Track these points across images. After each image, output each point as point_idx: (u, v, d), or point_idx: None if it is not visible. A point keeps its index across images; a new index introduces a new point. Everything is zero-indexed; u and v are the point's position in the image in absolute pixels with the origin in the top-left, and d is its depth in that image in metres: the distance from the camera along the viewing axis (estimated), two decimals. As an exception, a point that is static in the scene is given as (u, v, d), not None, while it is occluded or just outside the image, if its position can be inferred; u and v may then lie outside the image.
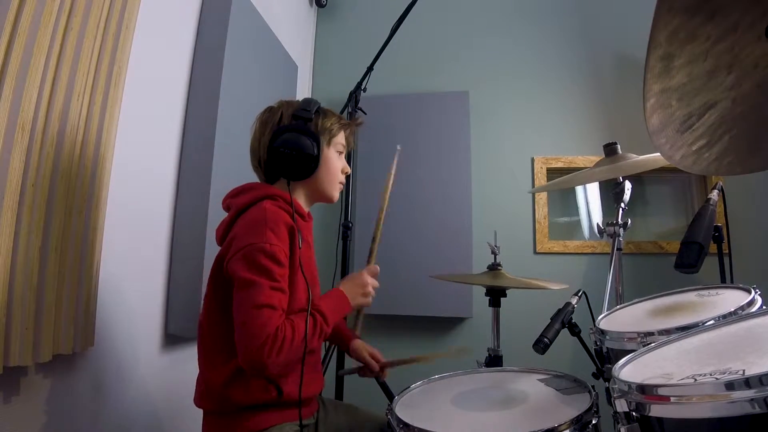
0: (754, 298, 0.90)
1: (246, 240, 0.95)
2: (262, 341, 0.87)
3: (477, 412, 0.95)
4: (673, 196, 2.56)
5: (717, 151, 0.88)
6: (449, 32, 2.70)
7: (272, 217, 0.97)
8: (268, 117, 1.11)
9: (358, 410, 1.22)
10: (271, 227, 0.96)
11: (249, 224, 0.98)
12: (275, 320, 0.90)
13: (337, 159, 1.16)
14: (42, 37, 0.95)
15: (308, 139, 1.06)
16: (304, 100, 1.12)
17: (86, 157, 1.09)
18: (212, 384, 1.00)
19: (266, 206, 1.00)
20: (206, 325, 1.05)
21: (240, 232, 0.98)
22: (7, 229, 0.89)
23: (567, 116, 2.52)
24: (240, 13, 1.69)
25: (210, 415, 1.04)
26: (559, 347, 1.13)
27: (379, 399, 1.47)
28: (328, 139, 1.13)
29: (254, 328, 0.88)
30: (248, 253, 0.93)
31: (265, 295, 0.90)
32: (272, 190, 1.06)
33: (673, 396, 0.57)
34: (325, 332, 1.00)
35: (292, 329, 0.91)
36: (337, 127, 1.15)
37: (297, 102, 1.13)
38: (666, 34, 0.70)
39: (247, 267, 0.92)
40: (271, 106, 1.14)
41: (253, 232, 0.96)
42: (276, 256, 0.94)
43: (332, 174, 1.15)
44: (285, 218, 1.00)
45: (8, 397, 0.96)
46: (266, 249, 0.93)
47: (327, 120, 1.13)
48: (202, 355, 1.05)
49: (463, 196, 2.43)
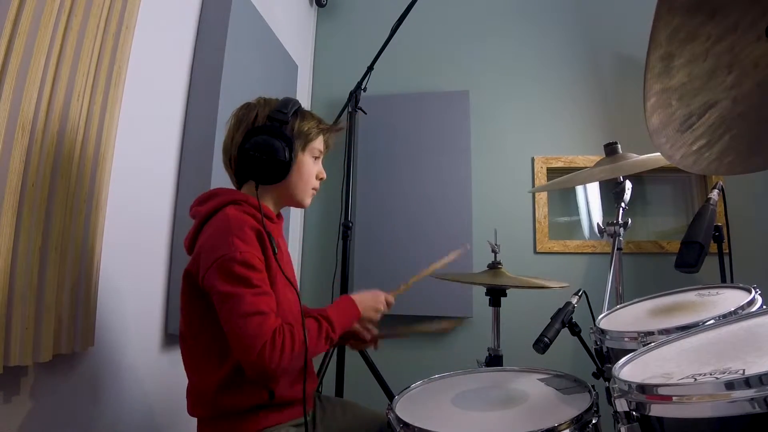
0: (754, 298, 0.90)
1: (215, 252, 0.92)
2: (260, 348, 0.85)
3: (477, 412, 0.95)
4: (673, 196, 2.55)
5: (717, 151, 0.88)
6: (449, 32, 2.70)
7: (236, 223, 0.95)
8: (244, 115, 1.07)
9: (358, 408, 1.22)
10: (236, 234, 0.93)
11: (214, 234, 0.96)
12: (269, 324, 0.88)
13: (312, 164, 1.11)
14: (42, 37, 0.95)
15: (281, 143, 1.01)
16: (283, 100, 1.08)
17: (86, 157, 1.09)
18: (203, 392, 0.99)
19: (229, 213, 0.97)
20: (188, 337, 1.03)
21: (206, 244, 0.96)
22: (7, 229, 0.89)
23: (567, 116, 2.52)
24: (240, 13, 1.69)
25: (203, 422, 1.03)
26: (559, 347, 1.13)
27: (380, 398, 1.48)
28: (304, 143, 1.08)
29: (246, 339, 0.86)
30: (221, 266, 0.90)
31: (248, 303, 0.88)
32: (236, 195, 1.03)
33: (673, 395, 0.57)
34: (332, 338, 0.99)
35: (291, 334, 0.90)
36: (315, 132, 1.10)
37: (275, 101, 1.09)
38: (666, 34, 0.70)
39: (223, 279, 0.90)
40: (249, 102, 1.10)
41: (219, 242, 0.93)
42: (249, 262, 0.91)
43: (305, 180, 1.10)
44: (250, 222, 0.97)
45: (8, 397, 0.96)
46: (237, 258, 0.90)
47: (305, 123, 1.08)
48: (190, 366, 1.04)
49: (463, 196, 2.42)
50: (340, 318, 1.02)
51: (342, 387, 1.74)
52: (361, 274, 2.38)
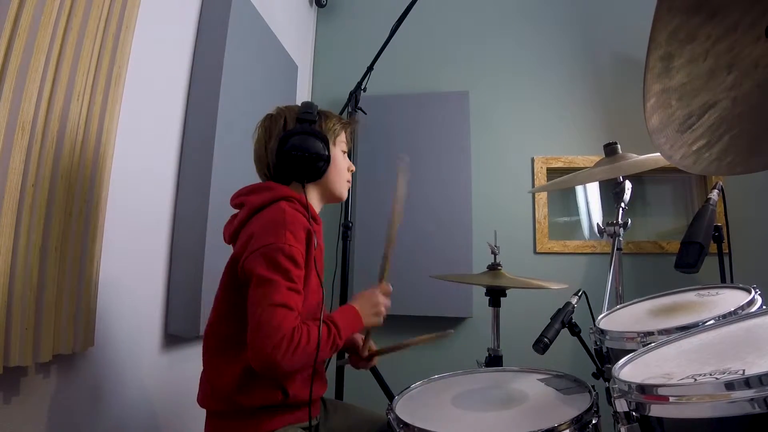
0: (754, 298, 0.90)
1: (265, 239, 0.95)
2: (278, 340, 0.86)
3: (477, 412, 0.95)
4: (673, 196, 2.56)
5: (717, 151, 0.88)
6: (449, 32, 2.70)
7: (291, 219, 0.98)
8: (271, 123, 1.12)
9: (358, 410, 1.22)
10: (290, 229, 0.96)
11: (268, 224, 0.98)
12: (291, 321, 0.89)
13: (342, 158, 1.17)
14: (42, 37, 0.95)
15: (318, 141, 1.07)
16: (304, 104, 1.13)
17: (86, 157, 1.09)
18: (218, 384, 1.00)
19: (284, 207, 1.00)
20: (216, 325, 1.04)
21: (258, 231, 0.98)
22: (7, 229, 0.89)
23: (567, 116, 2.52)
24: (240, 13, 1.69)
25: (214, 416, 1.03)
26: (559, 347, 1.13)
27: (380, 399, 1.48)
28: (333, 138, 1.14)
29: (270, 327, 0.87)
30: (267, 252, 0.93)
31: (281, 294, 0.90)
32: (288, 192, 1.06)
33: (673, 396, 0.57)
34: (337, 344, 0.99)
35: (308, 334, 0.91)
36: (339, 127, 1.16)
37: (296, 106, 1.14)
38: (666, 34, 0.70)
39: (265, 265, 0.92)
40: (270, 113, 1.15)
41: (272, 232, 0.96)
42: (294, 257, 0.94)
43: (340, 173, 1.16)
44: (302, 221, 1.00)
45: (8, 397, 0.96)
46: (285, 249, 0.93)
47: (329, 121, 1.14)
48: (208, 355, 1.04)
49: (463, 196, 2.43)
50: (345, 325, 1.03)
51: (342, 388, 1.74)
52: (361, 274, 2.38)
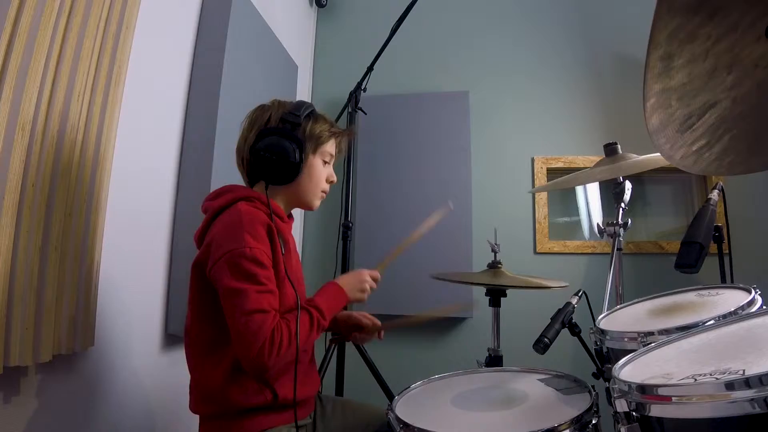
0: (754, 298, 0.90)
1: (225, 246, 0.94)
2: (260, 346, 0.88)
3: (477, 412, 0.95)
4: (673, 196, 2.55)
5: (717, 151, 0.88)
6: (449, 32, 2.70)
7: (248, 219, 0.96)
8: (258, 116, 1.09)
9: (357, 407, 1.22)
10: (247, 230, 0.94)
11: (225, 228, 0.97)
12: (269, 323, 0.90)
13: (322, 167, 1.13)
14: (42, 37, 0.94)
15: (291, 145, 1.03)
16: (297, 103, 1.10)
17: (86, 157, 1.09)
18: (207, 387, 1.00)
19: (241, 208, 0.98)
20: (194, 329, 1.04)
21: (217, 236, 0.97)
22: (7, 229, 0.89)
23: (567, 116, 2.52)
24: (240, 13, 1.69)
25: (206, 419, 1.03)
26: (559, 347, 1.13)
27: (380, 398, 1.47)
28: (315, 146, 1.10)
29: (249, 335, 0.88)
30: (230, 260, 0.92)
31: (252, 300, 0.90)
32: (248, 192, 1.04)
33: (673, 396, 0.57)
34: (323, 325, 1.00)
35: (288, 330, 0.92)
36: (327, 135, 1.11)
37: (289, 103, 1.11)
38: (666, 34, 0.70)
39: (230, 274, 0.91)
40: (264, 104, 1.12)
41: (230, 236, 0.94)
42: (257, 258, 0.93)
43: (314, 182, 1.12)
44: (261, 218, 0.99)
45: (8, 397, 0.96)
46: (246, 253, 0.92)
47: (317, 126, 1.10)
48: (193, 361, 1.04)
49: (463, 196, 2.42)
50: (328, 304, 1.03)
51: (342, 387, 1.74)
52: (361, 274, 2.38)
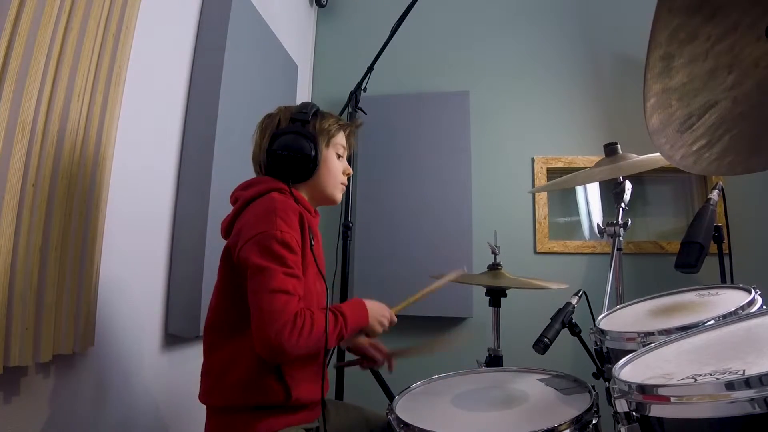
0: (754, 298, 0.90)
1: (257, 228, 0.95)
2: (281, 325, 0.87)
3: (477, 412, 0.95)
4: (673, 196, 2.55)
5: (717, 151, 0.88)
6: (449, 32, 2.70)
7: (281, 206, 0.98)
8: (267, 123, 1.13)
9: (359, 410, 1.22)
10: (281, 216, 0.96)
11: (259, 213, 0.99)
12: (293, 305, 0.90)
13: (336, 160, 1.16)
14: (42, 37, 0.95)
15: (305, 140, 1.07)
16: (302, 104, 1.14)
17: (86, 157, 1.09)
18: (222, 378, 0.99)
19: (275, 196, 1.01)
20: (216, 317, 1.04)
21: (250, 220, 0.99)
22: (7, 229, 0.89)
23: (567, 116, 2.52)
24: (240, 13, 1.69)
25: (215, 411, 1.03)
26: (559, 347, 1.13)
27: (379, 399, 1.47)
28: (327, 140, 1.13)
29: (272, 313, 0.88)
30: (260, 240, 0.93)
31: (278, 280, 0.90)
32: (280, 185, 1.07)
33: (673, 396, 0.57)
34: (343, 334, 0.99)
35: (312, 320, 0.91)
36: (336, 128, 1.15)
37: (294, 106, 1.14)
38: (666, 34, 0.70)
39: (259, 253, 0.92)
40: (270, 113, 1.15)
41: (264, 220, 0.96)
42: (288, 243, 0.95)
43: (332, 175, 1.15)
44: (294, 206, 1.01)
45: (8, 397, 0.96)
46: (278, 236, 0.94)
47: (325, 121, 1.14)
48: (211, 349, 1.04)
49: (463, 196, 2.42)
50: (353, 317, 1.02)
51: (342, 387, 1.74)
52: (362, 275, 2.38)
